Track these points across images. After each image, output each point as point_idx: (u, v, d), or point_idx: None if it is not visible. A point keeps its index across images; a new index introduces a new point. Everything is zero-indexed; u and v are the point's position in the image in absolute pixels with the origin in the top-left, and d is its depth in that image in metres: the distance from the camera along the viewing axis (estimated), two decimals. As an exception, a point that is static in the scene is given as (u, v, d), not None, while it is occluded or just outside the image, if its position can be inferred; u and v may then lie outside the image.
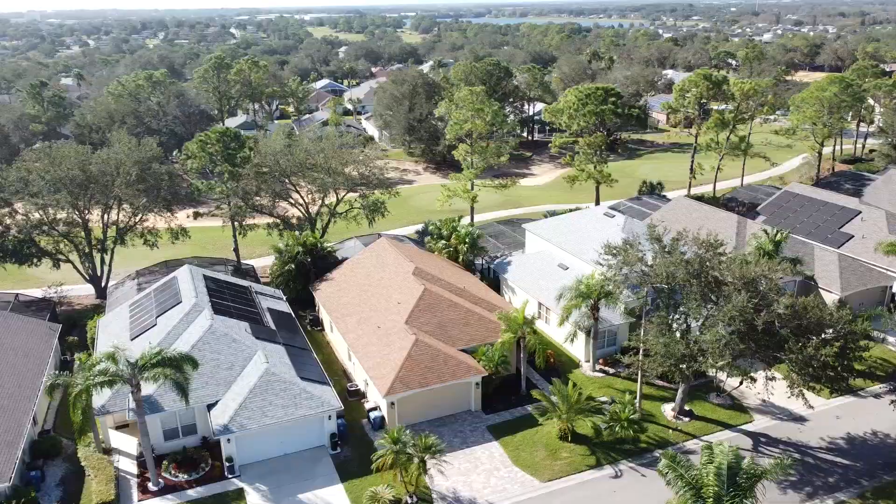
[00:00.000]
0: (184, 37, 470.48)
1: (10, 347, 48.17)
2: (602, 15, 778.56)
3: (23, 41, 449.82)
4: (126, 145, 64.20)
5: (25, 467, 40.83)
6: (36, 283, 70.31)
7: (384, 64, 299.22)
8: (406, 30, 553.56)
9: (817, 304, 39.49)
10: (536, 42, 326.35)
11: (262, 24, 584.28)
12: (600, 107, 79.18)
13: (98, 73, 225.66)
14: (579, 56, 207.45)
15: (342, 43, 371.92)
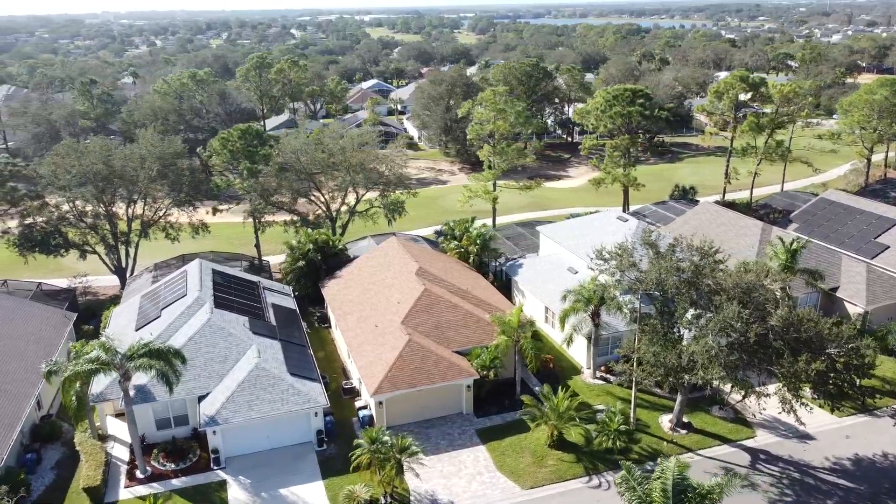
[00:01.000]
0: (246, 37, 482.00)
1: (23, 334, 50.11)
2: (664, 16, 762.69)
3: (95, 41, 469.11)
4: (149, 141, 66.01)
5: (23, 450, 42.37)
6: (69, 272, 72.94)
7: (436, 65, 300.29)
8: (463, 31, 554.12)
9: (814, 318, 37.58)
10: (591, 43, 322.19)
11: (322, 24, 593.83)
12: (627, 108, 77.42)
13: (159, 72, 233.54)
14: (630, 57, 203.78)
15: (398, 43, 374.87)
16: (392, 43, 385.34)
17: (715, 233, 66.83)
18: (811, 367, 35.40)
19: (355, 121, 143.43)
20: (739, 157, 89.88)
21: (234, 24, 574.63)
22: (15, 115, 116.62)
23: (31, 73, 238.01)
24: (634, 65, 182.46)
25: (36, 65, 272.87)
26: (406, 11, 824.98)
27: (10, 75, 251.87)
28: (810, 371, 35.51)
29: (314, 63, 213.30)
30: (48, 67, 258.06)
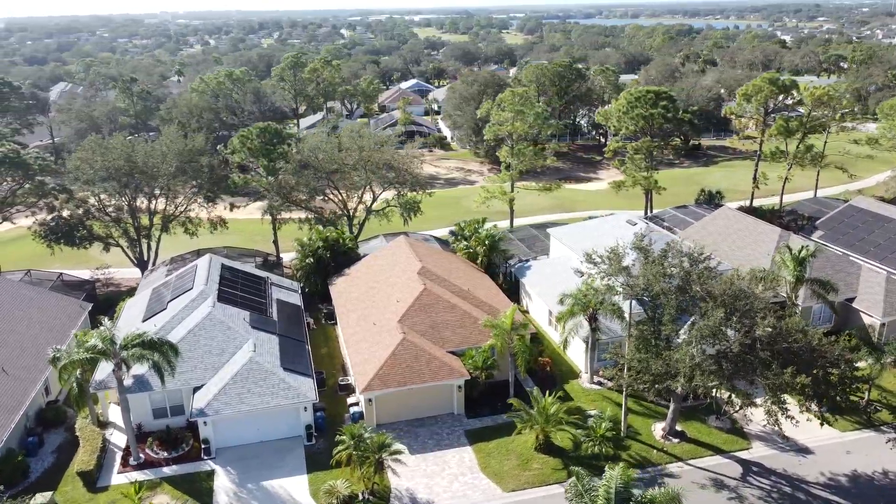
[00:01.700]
0: (296, 37, 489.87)
1: (38, 322, 52.18)
2: (719, 16, 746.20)
3: (151, 40, 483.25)
4: (169, 138, 67.91)
5: (26, 433, 44.16)
6: (96, 264, 75.35)
7: (480, 65, 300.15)
8: (512, 31, 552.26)
9: (803, 329, 36.47)
10: (638, 44, 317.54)
11: (372, 24, 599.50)
12: (649, 110, 76.22)
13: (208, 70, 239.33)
14: (672, 59, 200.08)
15: (444, 44, 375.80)
16: (438, 43, 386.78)
17: (732, 239, 65.56)
18: (796, 380, 34.36)
19: (390, 120, 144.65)
20: (769, 162, 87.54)
21: (286, 24, 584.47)
22: (60, 112, 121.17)
23: (86, 71, 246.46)
24: (676, 66, 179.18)
25: (92, 63, 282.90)
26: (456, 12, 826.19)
27: (69, 73, 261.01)
28: (795, 384, 34.48)
29: (355, 63, 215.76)
30: (103, 66, 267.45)
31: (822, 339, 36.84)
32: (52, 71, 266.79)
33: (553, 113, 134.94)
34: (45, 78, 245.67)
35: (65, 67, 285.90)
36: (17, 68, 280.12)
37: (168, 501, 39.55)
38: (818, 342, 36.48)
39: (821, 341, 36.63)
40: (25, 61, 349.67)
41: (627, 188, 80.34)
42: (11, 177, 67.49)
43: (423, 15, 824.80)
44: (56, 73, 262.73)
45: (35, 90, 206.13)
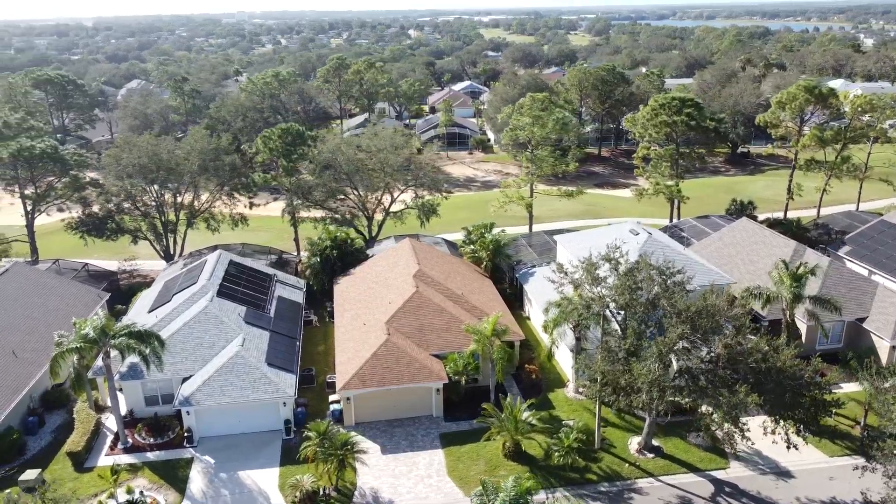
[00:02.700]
0: (364, 37, 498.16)
1: (53, 309, 55.44)
2: (800, 17, 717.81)
3: (226, 39, 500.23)
4: (193, 137, 70.78)
5: (28, 413, 47.09)
6: (130, 255, 79.08)
7: (540, 67, 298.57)
8: (580, 32, 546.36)
9: (761, 349, 35.41)
10: (705, 47, 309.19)
11: (440, 25, 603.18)
12: (673, 117, 74.69)
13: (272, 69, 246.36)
14: (732, 63, 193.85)
15: (508, 45, 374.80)
16: (503, 44, 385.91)
17: (746, 251, 63.84)
18: (748, 398, 33.49)
19: (435, 121, 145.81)
20: (806, 173, 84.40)
21: (355, 25, 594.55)
22: (118, 108, 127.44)
23: (158, 70, 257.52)
24: (735, 70, 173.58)
25: (165, 62, 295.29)
26: (526, 13, 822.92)
27: (144, 71, 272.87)
28: (747, 403, 33.61)
29: (410, 64, 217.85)
30: (173, 64, 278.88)
31: (787, 361, 35.64)
32: (128, 69, 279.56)
33: (596, 117, 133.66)
34: (119, 75, 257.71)
35: (140, 65, 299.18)
36: (95, 66, 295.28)
37: (145, 485, 41.55)
38: (782, 363, 35.31)
39: (785, 362, 35.45)
40: (107, 59, 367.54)
41: (650, 196, 78.88)
42: (51, 171, 71.61)
43: (492, 16, 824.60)
44: (131, 70, 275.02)
45: (107, 87, 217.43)
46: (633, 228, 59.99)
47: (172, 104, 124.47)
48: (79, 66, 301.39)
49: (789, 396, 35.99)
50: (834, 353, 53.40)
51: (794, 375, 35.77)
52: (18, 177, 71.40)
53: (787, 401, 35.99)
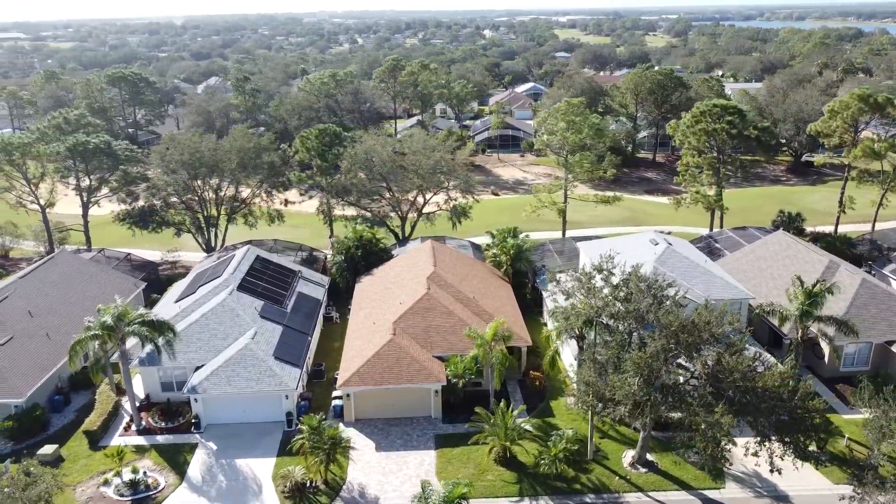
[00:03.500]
0: (439, 37, 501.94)
1: (91, 296, 58.90)
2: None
3: (305, 38, 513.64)
4: (233, 136, 73.71)
5: (55, 392, 50.36)
6: (178, 247, 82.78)
7: (612, 69, 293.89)
8: (659, 34, 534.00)
9: (740, 369, 34.34)
10: (787, 49, 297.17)
11: (515, 25, 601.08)
12: (713, 125, 72.70)
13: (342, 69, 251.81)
14: (809, 67, 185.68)
15: (581, 45, 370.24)
16: (576, 45, 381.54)
17: (778, 265, 61.75)
18: (722, 419, 32.70)
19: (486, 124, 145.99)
20: (857, 185, 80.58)
21: (431, 24, 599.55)
22: (183, 106, 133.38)
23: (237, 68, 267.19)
24: (812, 74, 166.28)
25: (242, 60, 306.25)
26: (606, 13, 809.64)
27: (224, 68, 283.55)
28: (724, 424, 32.83)
29: (476, 65, 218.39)
30: (251, 62, 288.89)
31: (769, 381, 34.52)
32: (207, 66, 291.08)
33: (652, 122, 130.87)
34: (198, 73, 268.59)
35: (220, 63, 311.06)
36: (178, 63, 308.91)
37: (150, 466, 43.90)
38: (764, 383, 34.25)
39: (766, 383, 34.36)
40: (192, 56, 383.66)
41: (688, 205, 77.06)
42: (105, 166, 75.93)
43: (570, 16, 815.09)
44: (210, 68, 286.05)
45: (185, 84, 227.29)
46: (653, 238, 58.98)
47: (234, 102, 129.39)
48: (163, 63, 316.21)
49: (775, 418, 34.88)
50: (848, 378, 51.26)
51: (778, 396, 34.62)
52: (76, 169, 76.00)
53: (772, 422, 34.89)
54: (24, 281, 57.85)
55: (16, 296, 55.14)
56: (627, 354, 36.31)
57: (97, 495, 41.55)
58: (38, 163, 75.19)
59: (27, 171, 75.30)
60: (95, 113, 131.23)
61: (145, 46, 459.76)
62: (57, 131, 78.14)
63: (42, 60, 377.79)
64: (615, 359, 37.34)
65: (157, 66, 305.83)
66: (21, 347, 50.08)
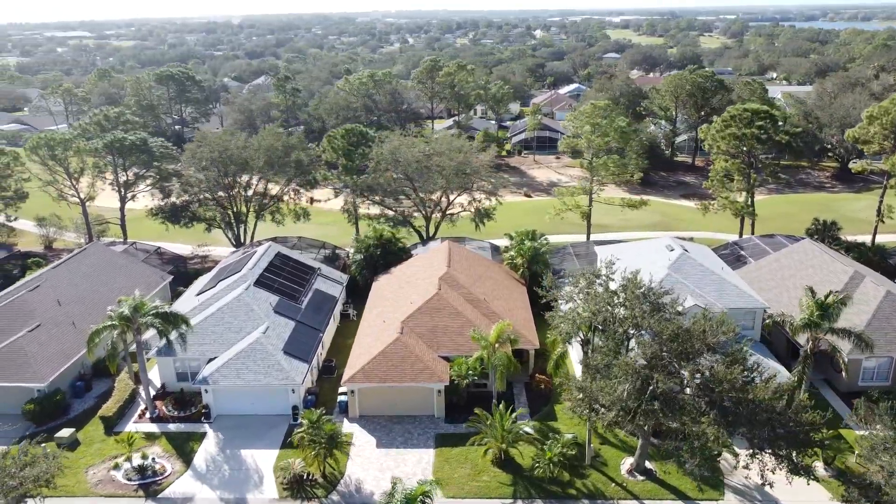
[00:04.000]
0: (490, 37, 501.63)
1: (118, 287, 61.20)
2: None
3: (357, 38, 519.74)
4: (262, 135, 75.52)
5: (77, 378, 52.61)
6: (213, 242, 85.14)
7: (662, 70, 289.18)
8: (714, 34, 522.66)
9: (729, 379, 33.79)
10: (846, 51, 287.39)
11: (567, 25, 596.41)
12: (742, 130, 71.23)
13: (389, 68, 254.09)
14: (866, 70, 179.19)
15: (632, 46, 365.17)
16: (627, 45, 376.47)
17: (801, 275, 60.26)
18: (707, 429, 32.31)
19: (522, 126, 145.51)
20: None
21: (482, 25, 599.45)
22: (226, 104, 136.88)
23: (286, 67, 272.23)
24: (866, 78, 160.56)
25: (293, 59, 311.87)
26: (661, 13, 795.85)
27: (274, 67, 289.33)
28: (710, 435, 32.45)
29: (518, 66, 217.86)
30: (300, 61, 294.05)
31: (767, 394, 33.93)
32: (258, 65, 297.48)
33: (692, 125, 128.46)
34: (249, 71, 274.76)
35: (272, 62, 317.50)
36: (231, 62, 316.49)
37: (159, 453, 45.56)
38: (755, 395, 33.68)
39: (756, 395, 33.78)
40: (246, 55, 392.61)
41: (716, 211, 75.68)
42: (141, 162, 78.72)
43: (624, 16, 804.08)
44: (262, 67, 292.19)
45: (235, 82, 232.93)
46: (669, 244, 58.27)
47: (274, 101, 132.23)
48: (217, 61, 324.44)
49: (767, 431, 34.30)
50: (884, 392, 49.61)
51: (771, 409, 34.01)
52: (115, 165, 78.99)
53: (765, 435, 34.32)
54: (56, 271, 60.56)
55: (47, 285, 57.77)
56: (616, 360, 36.14)
57: (107, 478, 43.36)
58: (78, 158, 78.37)
59: (69, 166, 78.60)
60: (144, 110, 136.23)
61: (202, 45, 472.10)
62: (97, 128, 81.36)
63: (104, 58, 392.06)
64: (605, 364, 37.17)
65: (211, 65, 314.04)
66: (47, 334, 52.48)
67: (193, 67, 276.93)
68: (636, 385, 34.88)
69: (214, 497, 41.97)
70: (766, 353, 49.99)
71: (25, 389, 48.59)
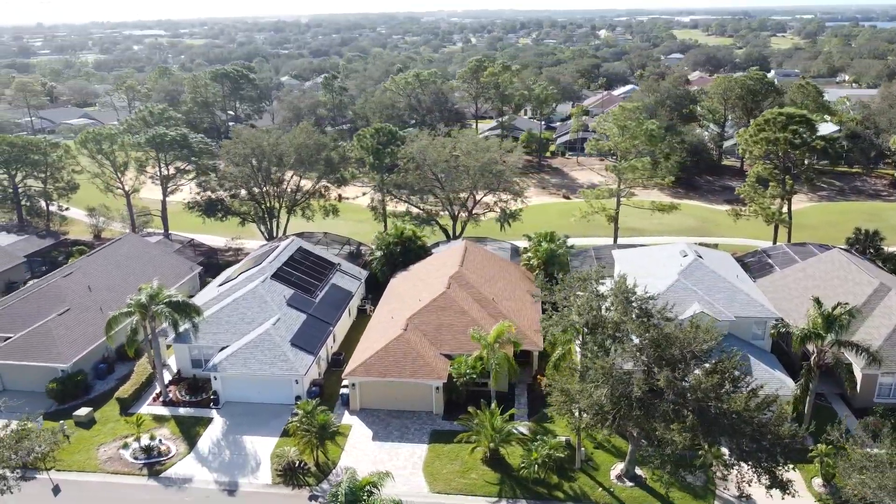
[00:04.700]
0: (553, 37, 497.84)
1: (147, 276, 63.80)
2: None
3: (420, 37, 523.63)
4: (294, 132, 77.56)
5: (101, 360, 55.46)
6: (247, 235, 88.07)
7: (726, 71, 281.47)
8: (788, 35, 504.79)
9: (702, 387, 33.22)
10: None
11: (633, 25, 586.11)
12: (776, 135, 69.21)
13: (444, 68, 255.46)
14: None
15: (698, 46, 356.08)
16: (693, 46, 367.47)
17: (824, 285, 58.36)
18: (674, 436, 31.96)
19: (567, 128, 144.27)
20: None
21: (546, 24, 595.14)
22: (277, 101, 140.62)
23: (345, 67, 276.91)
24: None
25: (353, 58, 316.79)
26: (735, 13, 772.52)
27: (333, 66, 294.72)
28: (678, 440, 32.10)
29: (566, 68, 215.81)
30: (360, 61, 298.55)
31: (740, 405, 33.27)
32: (319, 64, 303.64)
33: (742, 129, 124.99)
34: (310, 70, 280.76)
35: (332, 60, 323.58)
36: (294, 61, 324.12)
37: (166, 435, 47.73)
38: (730, 405, 33.07)
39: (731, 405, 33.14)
40: (310, 53, 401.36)
41: (747, 217, 73.77)
42: (182, 157, 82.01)
43: (694, 16, 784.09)
44: (322, 66, 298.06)
45: (295, 81, 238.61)
46: (683, 250, 57.29)
47: (322, 99, 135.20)
48: (279, 60, 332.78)
49: (746, 442, 33.69)
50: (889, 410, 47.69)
51: (748, 420, 33.37)
52: (158, 159, 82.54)
53: (744, 446, 33.72)
54: (91, 259, 63.90)
55: (80, 272, 61.05)
56: (593, 364, 36.05)
57: (116, 456, 45.74)
58: (123, 152, 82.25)
59: (115, 160, 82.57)
60: (199, 106, 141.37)
61: (269, 44, 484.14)
62: (142, 123, 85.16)
63: (175, 56, 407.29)
64: (585, 367, 37.11)
65: (274, 63, 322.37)
66: (75, 318, 55.53)
67: (257, 66, 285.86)
68: (618, 389, 34.71)
69: (211, 480, 43.77)
70: (774, 364, 48.67)
71: (49, 369, 51.62)
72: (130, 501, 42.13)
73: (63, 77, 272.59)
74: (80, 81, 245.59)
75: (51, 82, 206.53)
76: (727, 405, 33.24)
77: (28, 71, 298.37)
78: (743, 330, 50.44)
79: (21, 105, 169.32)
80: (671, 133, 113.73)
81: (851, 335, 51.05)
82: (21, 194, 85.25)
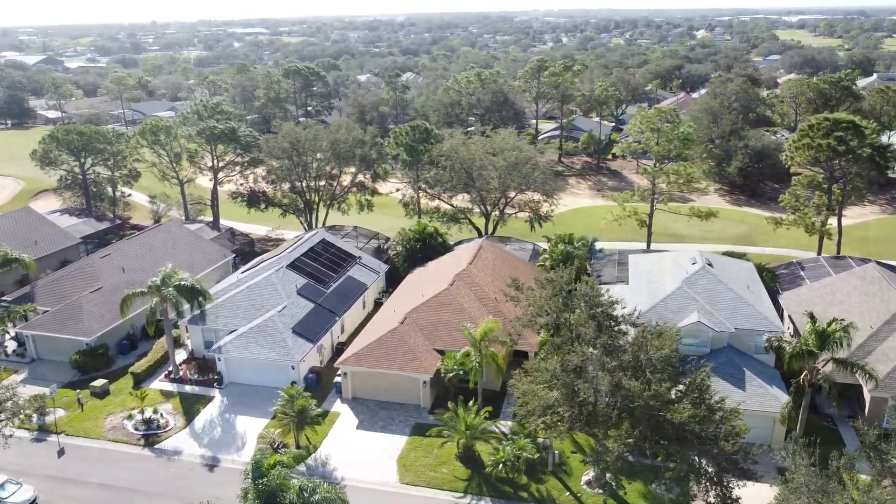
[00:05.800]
0: (648, 36, 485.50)
1: (180, 260, 67.32)
2: None
3: (511, 37, 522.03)
4: (333, 128, 79.89)
5: (125, 337, 59.24)
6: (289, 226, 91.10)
7: (827, 73, 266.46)
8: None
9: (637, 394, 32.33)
10: None
11: (733, 25, 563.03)
12: (818, 141, 65.67)
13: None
14: None
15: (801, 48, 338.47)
16: (795, 46, 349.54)
17: (851, 300, 55.44)
18: (611, 444, 31.43)
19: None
20: None
21: (641, 24, 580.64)
22: (345, 98, 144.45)
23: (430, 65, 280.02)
24: None
25: (438, 57, 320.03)
26: (848, 12, 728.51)
27: (419, 64, 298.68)
28: (611, 446, 31.56)
29: (653, 68, 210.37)
30: (444, 59, 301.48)
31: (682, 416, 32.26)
32: (404, 62, 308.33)
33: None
34: (394, 68, 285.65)
35: (415, 59, 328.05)
36: (379, 59, 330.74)
37: (168, 409, 50.66)
38: (672, 415, 32.14)
39: (674, 415, 32.17)
40: (401, 52, 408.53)
41: (787, 227, 70.39)
42: (231, 149, 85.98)
43: (804, 15, 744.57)
44: (407, 64, 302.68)
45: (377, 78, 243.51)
46: (693, 257, 55.49)
47: (384, 97, 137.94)
48: (363, 58, 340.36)
49: (692, 453, 32.76)
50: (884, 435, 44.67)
51: (697, 433, 32.39)
52: (211, 151, 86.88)
53: (688, 458, 32.81)
54: (130, 242, 68.30)
55: (117, 254, 65.40)
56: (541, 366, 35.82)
57: (119, 425, 48.99)
58: (177, 143, 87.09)
59: (170, 150, 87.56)
60: (272, 101, 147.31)
61: (362, 42, 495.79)
62: (196, 116, 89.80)
63: (272, 53, 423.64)
64: (535, 369, 36.92)
65: (360, 61, 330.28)
66: (105, 296, 59.55)
67: (342, 63, 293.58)
68: (568, 392, 34.44)
69: (199, 454, 46.21)
70: (772, 380, 46.47)
71: (75, 342, 55.67)
72: (122, 467, 45.07)
73: (164, 72, 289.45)
74: (177, 77, 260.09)
75: (146, 77, 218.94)
76: (669, 415, 32.31)
77: (134, 66, 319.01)
78: (744, 342, 48.50)
79: (118, 98, 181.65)
80: (734, 137, 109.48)
81: (867, 354, 48.49)
82: (90, 181, 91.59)
